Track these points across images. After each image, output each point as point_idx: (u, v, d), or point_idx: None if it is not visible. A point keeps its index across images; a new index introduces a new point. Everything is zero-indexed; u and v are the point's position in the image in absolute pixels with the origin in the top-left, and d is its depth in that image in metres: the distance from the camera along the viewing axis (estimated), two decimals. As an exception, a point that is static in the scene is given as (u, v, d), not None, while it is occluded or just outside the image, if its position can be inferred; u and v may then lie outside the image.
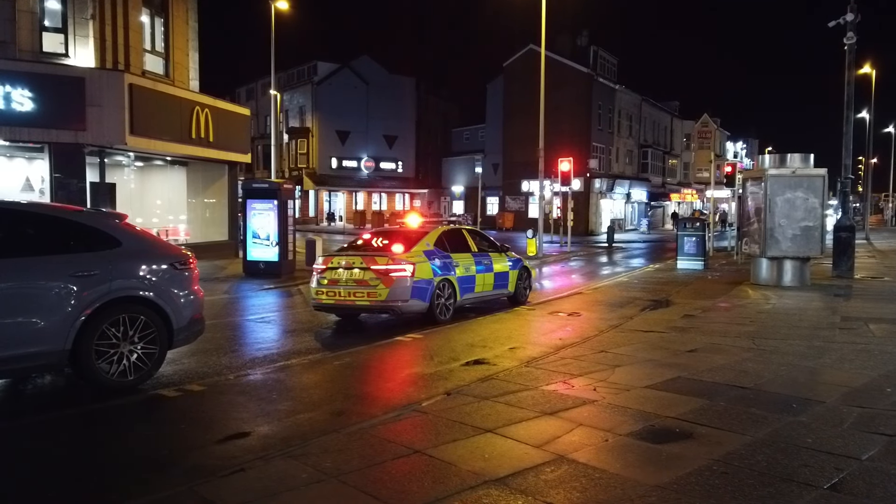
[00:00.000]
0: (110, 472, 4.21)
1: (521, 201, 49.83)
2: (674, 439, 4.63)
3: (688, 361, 7.03)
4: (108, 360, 5.96)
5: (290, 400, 5.89)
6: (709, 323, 9.60)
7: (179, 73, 19.41)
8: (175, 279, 6.57)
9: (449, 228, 11.58)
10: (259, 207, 16.63)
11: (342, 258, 9.96)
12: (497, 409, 5.38)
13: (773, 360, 7.08)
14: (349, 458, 4.32)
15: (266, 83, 48.68)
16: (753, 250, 14.30)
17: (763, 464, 4.15)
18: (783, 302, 11.62)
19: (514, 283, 12.06)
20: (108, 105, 15.34)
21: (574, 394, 5.82)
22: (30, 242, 5.94)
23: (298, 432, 4.90)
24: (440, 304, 10.06)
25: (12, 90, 14.26)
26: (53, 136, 14.99)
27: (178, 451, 4.55)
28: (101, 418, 5.46)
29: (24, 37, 15.26)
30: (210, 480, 3.94)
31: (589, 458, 4.29)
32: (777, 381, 6.21)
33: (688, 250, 19.05)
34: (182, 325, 6.51)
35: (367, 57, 56.49)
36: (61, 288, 5.71)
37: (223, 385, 6.34)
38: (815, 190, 13.43)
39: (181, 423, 5.13)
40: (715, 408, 5.34)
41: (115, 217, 6.68)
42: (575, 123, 44.60)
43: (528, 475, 4.01)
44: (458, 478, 3.98)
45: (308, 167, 53.16)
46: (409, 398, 5.85)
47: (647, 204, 55.04)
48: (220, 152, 19.66)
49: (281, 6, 29.94)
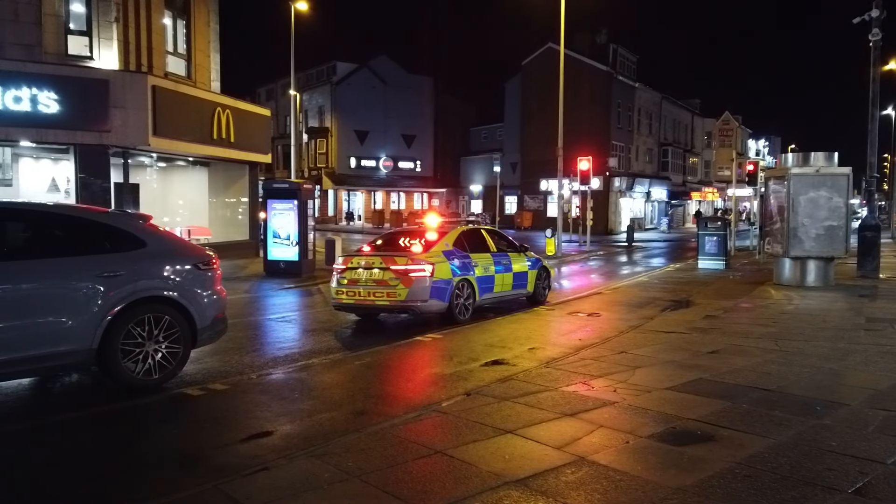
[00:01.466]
0: (139, 469, 4.29)
1: (540, 200, 49.70)
2: (695, 442, 4.61)
3: (709, 363, 6.98)
4: (133, 360, 6.06)
5: (311, 399, 5.95)
6: (731, 324, 9.52)
7: (201, 74, 19.64)
8: (198, 279, 6.66)
9: (468, 228, 11.60)
10: (279, 207, 16.79)
11: (362, 258, 10.02)
12: (517, 410, 5.39)
13: (797, 361, 7.01)
14: (371, 457, 4.36)
15: (286, 84, 49.08)
16: (776, 250, 14.14)
17: (786, 467, 4.12)
18: (806, 302, 11.48)
19: (533, 282, 12.04)
20: (131, 107, 15.57)
21: (594, 395, 5.81)
22: (58, 243, 6.08)
23: (320, 432, 4.95)
24: (459, 305, 10.09)
25: (39, 93, 14.52)
26: (78, 138, 15.24)
27: (204, 449, 4.62)
28: (127, 417, 5.56)
29: (49, 40, 15.53)
30: (235, 479, 4.00)
31: (610, 460, 4.28)
32: (800, 383, 6.15)
33: (709, 250, 18.88)
34: (205, 324, 6.60)
35: (385, 57, 56.66)
36: (89, 288, 5.82)
37: (246, 384, 6.42)
38: (839, 189, 13.24)
39: (205, 422, 5.21)
40: (737, 410, 5.30)
41: (140, 218, 6.79)
42: (594, 122, 44.39)
43: (549, 477, 4.01)
44: (479, 478, 4.00)
45: (327, 167, 53.50)
46: (429, 398, 5.88)
47: (667, 203, 54.62)
48: (241, 153, 19.87)
49: (300, 7, 30.20)
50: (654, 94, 52.06)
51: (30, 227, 6.03)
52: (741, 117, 57.39)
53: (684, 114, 59.17)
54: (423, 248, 10.03)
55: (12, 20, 15.09)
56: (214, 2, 20.53)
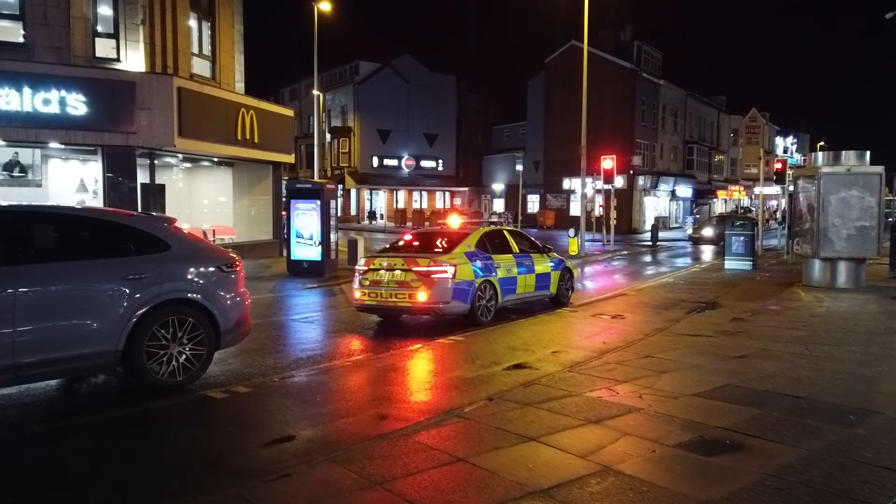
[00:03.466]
0: (162, 472, 4.30)
1: (563, 199, 49.37)
2: (724, 451, 4.50)
3: (737, 368, 6.84)
4: (157, 361, 6.10)
5: (333, 403, 5.94)
6: (759, 327, 9.33)
7: (225, 75, 19.80)
8: (222, 282, 6.69)
9: (490, 229, 11.54)
10: (303, 207, 16.86)
11: (384, 259, 10.00)
12: (540, 416, 5.32)
13: (828, 367, 6.84)
14: (392, 464, 4.33)
15: (309, 83, 49.39)
16: (805, 251, 13.85)
17: (819, 479, 4.00)
18: (837, 305, 11.22)
19: (556, 284, 11.94)
20: (157, 108, 15.73)
21: (619, 401, 5.72)
22: (85, 246, 6.14)
23: (343, 436, 4.93)
24: (481, 306, 10.02)
25: (67, 95, 14.73)
26: (106, 139, 15.45)
27: (226, 453, 4.62)
28: (151, 419, 5.60)
29: (77, 43, 15.75)
30: (256, 485, 4.00)
31: (636, 469, 4.20)
32: (832, 390, 6.00)
33: (735, 250, 18.57)
34: (229, 326, 6.62)
35: (408, 56, 56.71)
36: (115, 290, 5.87)
37: (268, 387, 6.43)
38: (871, 188, 12.92)
39: (228, 426, 5.22)
40: (767, 418, 5.18)
41: (164, 221, 6.84)
42: (618, 119, 43.96)
43: (573, 487, 3.94)
44: (502, 488, 3.94)
45: (350, 166, 53.72)
46: (451, 403, 5.83)
47: (692, 201, 53.89)
48: (265, 153, 19.99)
49: (324, 7, 30.32)
50: (680, 91, 51.39)
51: (58, 230, 6.11)
52: (768, 114, 56.40)
53: (710, 111, 58.33)
54: (445, 250, 9.99)
55: (42, 23, 15.33)
56: (239, 3, 20.68)
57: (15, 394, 6.19)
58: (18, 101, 14.25)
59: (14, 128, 14.34)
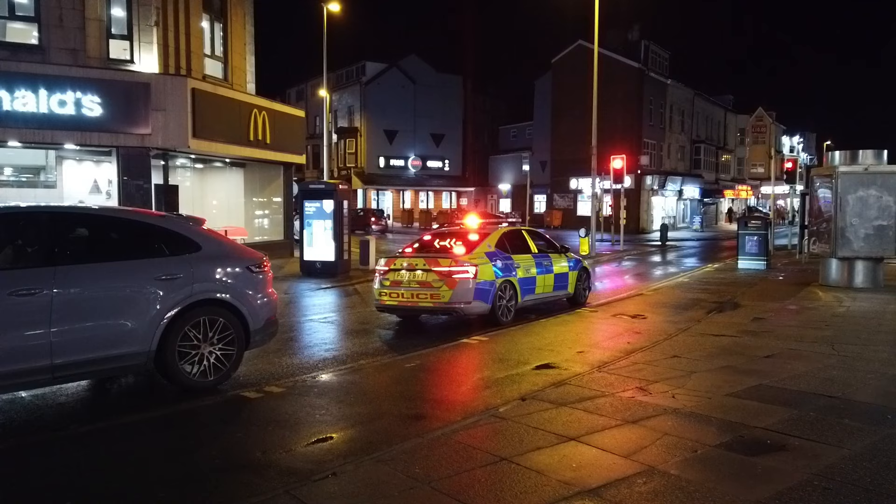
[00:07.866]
0: (211, 472, 4.30)
1: (570, 199, 49.31)
2: (767, 451, 4.49)
3: (767, 368, 6.83)
4: (189, 362, 6.12)
5: (367, 403, 5.94)
6: (781, 327, 9.31)
7: (237, 76, 19.84)
8: (251, 282, 6.71)
9: (509, 230, 11.54)
10: (315, 208, 16.89)
11: (405, 259, 10.02)
12: (576, 416, 5.32)
13: (858, 367, 6.82)
14: (436, 464, 4.33)
15: (315, 84, 49.47)
16: (823, 250, 13.82)
17: (867, 479, 3.99)
18: (857, 304, 11.19)
19: (574, 284, 11.93)
20: (171, 109, 15.77)
21: (653, 401, 5.71)
22: (119, 247, 6.16)
23: (382, 436, 4.93)
24: (502, 306, 10.03)
25: (82, 96, 14.78)
26: (121, 140, 15.48)
27: (270, 452, 4.62)
28: (189, 419, 5.61)
29: (92, 44, 15.79)
30: (305, 484, 4.00)
31: (680, 469, 4.19)
32: (866, 390, 5.98)
33: (749, 249, 18.52)
34: (258, 326, 6.64)
35: (414, 56, 56.69)
36: (149, 291, 5.89)
37: (301, 387, 6.44)
38: (889, 187, 12.89)
39: (267, 425, 5.22)
40: (805, 418, 5.16)
41: (194, 221, 6.86)
42: (625, 119, 43.89)
43: (621, 487, 3.94)
44: (550, 488, 3.94)
45: (356, 166, 53.72)
46: (485, 403, 5.83)
47: (699, 201, 53.82)
48: (277, 153, 20.02)
49: (332, 8, 30.33)
50: (687, 91, 51.31)
51: (92, 231, 6.12)
52: (774, 113, 56.27)
53: (717, 110, 58.23)
54: (466, 250, 9.99)
55: (57, 25, 15.38)
56: (250, 4, 20.72)
57: (49, 394, 6.21)
58: (34, 103, 14.29)
59: (31, 129, 14.38)
